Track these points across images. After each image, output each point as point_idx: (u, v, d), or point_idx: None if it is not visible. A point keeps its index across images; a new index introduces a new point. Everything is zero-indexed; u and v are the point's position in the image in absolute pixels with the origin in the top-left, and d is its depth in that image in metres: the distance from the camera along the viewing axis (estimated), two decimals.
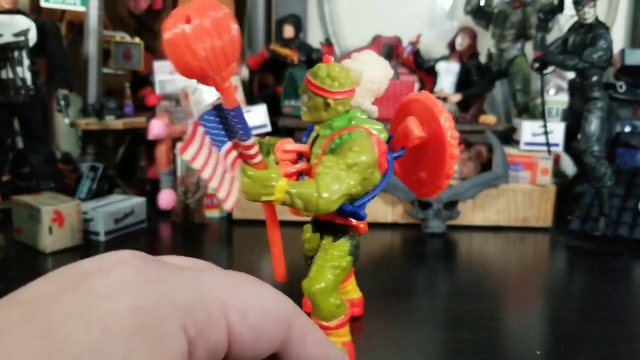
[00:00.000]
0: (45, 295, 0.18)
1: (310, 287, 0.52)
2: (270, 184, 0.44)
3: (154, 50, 1.45)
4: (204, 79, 0.36)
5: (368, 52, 0.52)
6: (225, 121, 0.40)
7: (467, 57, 1.30)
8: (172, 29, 0.35)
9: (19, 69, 1.01)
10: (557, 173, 1.31)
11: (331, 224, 0.54)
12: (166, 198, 1.11)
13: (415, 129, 0.51)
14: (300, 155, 0.52)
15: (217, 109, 0.40)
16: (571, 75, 1.20)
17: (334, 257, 0.53)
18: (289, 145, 0.50)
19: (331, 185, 0.46)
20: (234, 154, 0.42)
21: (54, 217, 0.88)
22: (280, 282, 0.51)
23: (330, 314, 0.52)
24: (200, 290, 0.19)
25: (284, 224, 0.51)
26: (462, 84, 1.30)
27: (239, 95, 1.17)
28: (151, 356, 0.17)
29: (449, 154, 0.50)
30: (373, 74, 0.52)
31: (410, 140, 0.51)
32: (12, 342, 0.16)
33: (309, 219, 0.58)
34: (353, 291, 0.64)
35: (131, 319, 0.17)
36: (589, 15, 1.02)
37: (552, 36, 1.24)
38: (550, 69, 1.11)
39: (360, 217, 0.50)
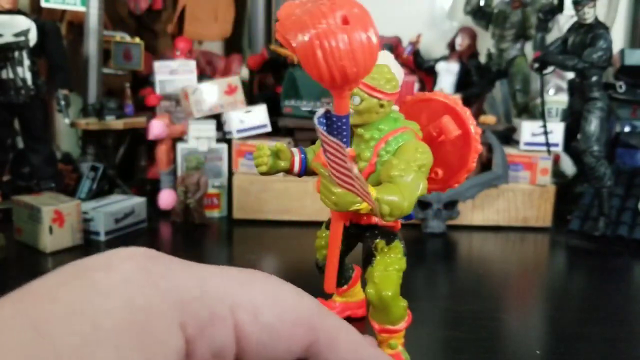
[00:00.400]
0: (44, 289, 0.17)
1: (381, 293, 0.50)
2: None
3: (154, 50, 1.45)
4: (344, 86, 0.33)
5: (384, 52, 0.52)
6: (329, 128, 0.40)
7: (467, 57, 1.31)
8: (324, 28, 0.30)
9: (19, 69, 1.01)
10: (557, 173, 1.31)
11: (375, 227, 0.53)
12: (166, 198, 1.11)
13: (452, 127, 0.51)
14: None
15: (327, 116, 0.39)
16: (571, 75, 1.20)
17: (393, 260, 0.52)
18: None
19: (411, 188, 0.46)
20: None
21: (54, 217, 0.88)
22: (329, 293, 0.51)
23: (400, 317, 0.52)
24: (204, 287, 0.18)
25: (282, 223, 0.51)
26: (461, 84, 1.30)
27: (239, 95, 1.17)
28: (141, 353, 0.17)
29: (473, 148, 0.52)
30: (396, 73, 0.52)
31: (448, 138, 0.52)
32: (2, 332, 0.16)
33: (324, 219, 0.58)
34: (360, 293, 0.64)
35: (124, 317, 0.17)
36: (589, 15, 1.02)
37: (552, 36, 1.24)
38: (550, 69, 1.11)
39: (412, 217, 0.50)
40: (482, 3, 1.32)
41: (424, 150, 0.48)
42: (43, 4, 1.18)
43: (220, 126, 1.15)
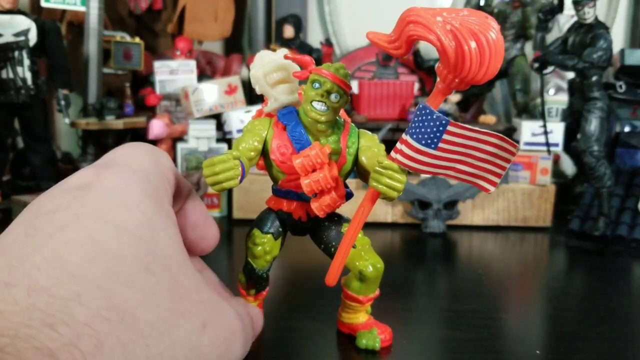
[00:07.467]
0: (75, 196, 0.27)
1: (377, 266, 0.53)
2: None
3: (154, 50, 1.45)
4: (472, 84, 0.42)
5: (282, 50, 0.53)
6: (421, 122, 0.44)
7: None
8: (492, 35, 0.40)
9: (19, 69, 1.01)
10: (557, 173, 1.31)
11: (333, 214, 0.54)
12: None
13: None
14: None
15: (428, 111, 0.44)
16: (571, 75, 1.20)
17: (360, 238, 0.53)
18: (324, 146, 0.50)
19: None
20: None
21: None
22: (331, 286, 0.51)
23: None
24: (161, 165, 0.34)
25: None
26: None
27: (239, 95, 1.17)
28: (158, 203, 0.29)
29: None
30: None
31: None
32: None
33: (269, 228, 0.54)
34: None
35: (147, 187, 0.30)
36: (589, 15, 1.02)
37: (552, 36, 1.24)
38: (550, 69, 1.11)
39: (352, 196, 0.52)
40: (482, 3, 1.32)
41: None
42: (43, 4, 1.18)
43: (220, 126, 1.15)
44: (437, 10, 0.41)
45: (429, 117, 0.43)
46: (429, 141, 0.43)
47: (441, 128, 0.43)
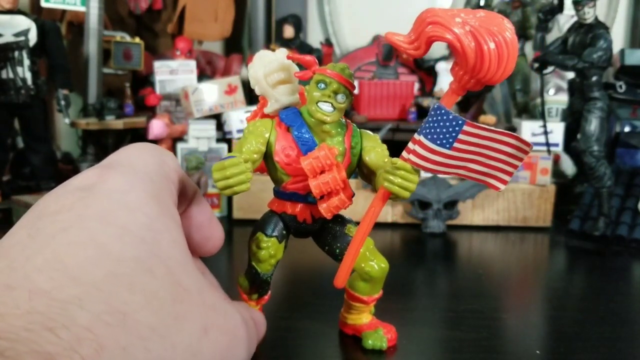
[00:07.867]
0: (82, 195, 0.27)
1: (381, 265, 0.53)
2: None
3: (154, 50, 1.45)
4: (487, 84, 0.42)
5: (282, 50, 0.53)
6: (435, 122, 0.44)
7: None
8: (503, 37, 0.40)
9: (19, 69, 1.01)
10: (557, 173, 1.31)
11: (337, 215, 0.54)
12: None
13: None
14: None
15: (442, 111, 0.43)
16: (571, 75, 1.20)
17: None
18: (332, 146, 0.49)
19: None
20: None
21: None
22: (339, 287, 0.51)
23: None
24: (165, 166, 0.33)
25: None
26: None
27: (239, 95, 1.17)
28: (163, 200, 0.29)
29: None
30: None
31: None
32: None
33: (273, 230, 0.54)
34: None
35: (150, 188, 0.29)
36: (589, 15, 1.02)
37: (552, 36, 1.24)
38: (550, 69, 1.11)
39: (353, 196, 0.52)
40: (482, 3, 1.32)
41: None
42: (43, 4, 1.18)
43: (220, 126, 1.15)
44: (454, 11, 0.41)
45: (445, 117, 0.43)
46: (444, 141, 0.43)
47: (457, 128, 0.42)
